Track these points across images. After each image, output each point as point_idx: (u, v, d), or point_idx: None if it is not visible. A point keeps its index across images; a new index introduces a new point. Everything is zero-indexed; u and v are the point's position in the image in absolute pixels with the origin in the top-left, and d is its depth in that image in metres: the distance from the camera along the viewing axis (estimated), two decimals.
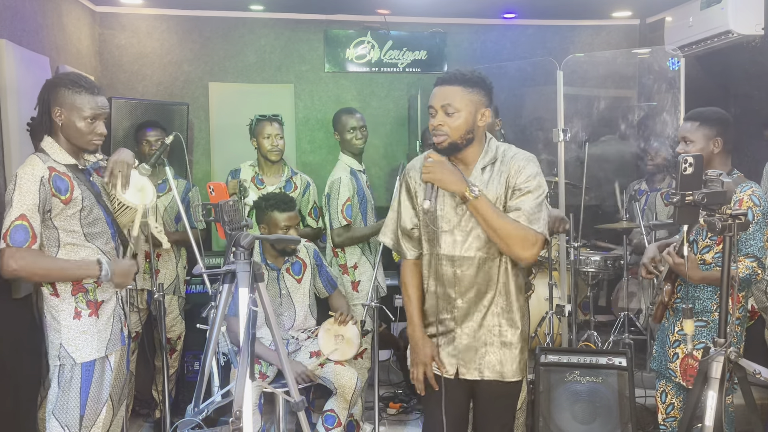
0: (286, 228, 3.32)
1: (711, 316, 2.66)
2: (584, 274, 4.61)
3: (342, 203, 3.63)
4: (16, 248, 2.29)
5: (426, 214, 2.31)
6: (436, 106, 2.22)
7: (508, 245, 2.20)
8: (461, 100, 2.21)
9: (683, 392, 2.79)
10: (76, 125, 2.43)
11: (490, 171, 2.29)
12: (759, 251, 2.56)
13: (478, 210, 2.19)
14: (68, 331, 2.42)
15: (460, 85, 2.22)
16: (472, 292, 2.30)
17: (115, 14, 4.86)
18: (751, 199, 2.58)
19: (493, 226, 2.18)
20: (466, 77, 2.23)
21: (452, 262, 2.30)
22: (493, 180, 2.28)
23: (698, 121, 2.67)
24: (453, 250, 2.30)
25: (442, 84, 2.24)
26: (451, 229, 2.30)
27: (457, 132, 2.22)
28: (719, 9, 4.23)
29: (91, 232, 2.47)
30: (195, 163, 5.04)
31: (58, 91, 2.43)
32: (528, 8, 5.09)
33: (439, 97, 2.23)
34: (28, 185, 2.32)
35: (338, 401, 3.24)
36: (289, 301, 3.41)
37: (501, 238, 2.19)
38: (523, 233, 2.18)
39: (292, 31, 5.16)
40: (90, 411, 2.43)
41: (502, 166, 2.28)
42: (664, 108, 4.81)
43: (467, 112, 2.21)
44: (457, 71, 2.26)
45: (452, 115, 2.21)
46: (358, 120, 3.79)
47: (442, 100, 2.21)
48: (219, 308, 2.33)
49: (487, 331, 2.31)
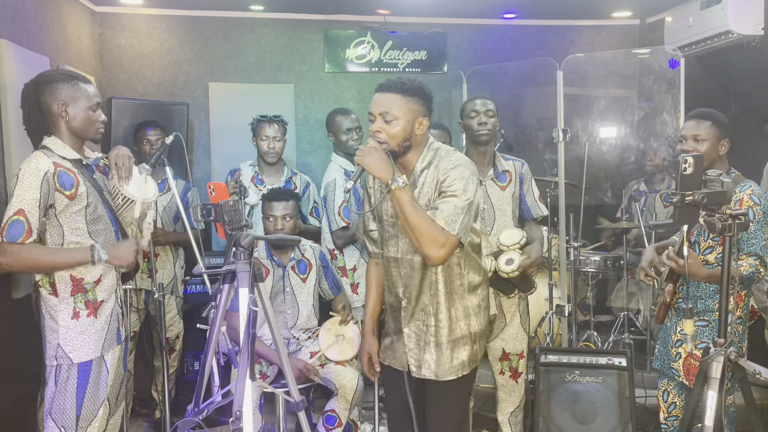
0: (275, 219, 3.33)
1: (713, 315, 2.66)
2: (584, 274, 4.61)
3: (338, 205, 3.63)
4: (8, 243, 2.30)
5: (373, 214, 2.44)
6: (374, 113, 2.27)
7: (419, 242, 2.22)
8: (399, 108, 2.24)
9: (685, 392, 2.79)
10: (83, 116, 2.46)
11: (426, 173, 2.33)
12: (761, 250, 2.56)
13: (399, 201, 2.20)
14: (66, 331, 2.42)
15: (399, 93, 2.25)
16: (413, 293, 2.37)
17: (115, 14, 4.86)
18: (751, 198, 2.58)
19: (409, 220, 2.20)
20: (405, 86, 2.26)
21: (397, 264, 2.40)
22: (426, 183, 2.33)
23: (710, 121, 2.65)
24: (397, 252, 2.39)
25: (382, 91, 2.28)
26: (395, 233, 2.38)
27: (395, 139, 2.25)
28: (719, 9, 4.23)
29: (95, 229, 2.48)
30: (195, 163, 5.04)
31: (54, 87, 2.43)
32: (528, 8, 5.09)
33: (377, 104, 2.26)
34: (30, 180, 2.32)
35: (339, 402, 3.24)
36: (293, 299, 3.41)
37: (414, 234, 2.22)
38: (434, 233, 2.19)
39: (292, 31, 5.16)
40: (86, 411, 2.44)
41: (436, 169, 2.32)
42: (664, 108, 4.81)
43: (405, 120, 2.25)
44: (397, 79, 2.30)
45: (390, 122, 2.24)
46: (353, 121, 3.76)
47: (380, 107, 2.25)
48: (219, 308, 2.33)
49: (425, 331, 2.37)
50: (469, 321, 2.38)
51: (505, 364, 3.15)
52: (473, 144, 3.10)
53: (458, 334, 2.37)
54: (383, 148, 2.25)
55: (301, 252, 3.49)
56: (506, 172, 3.13)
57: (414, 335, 2.39)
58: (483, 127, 3.04)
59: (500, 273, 2.85)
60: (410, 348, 2.40)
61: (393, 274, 2.43)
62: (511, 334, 3.12)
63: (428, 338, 2.37)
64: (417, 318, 2.39)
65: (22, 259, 2.32)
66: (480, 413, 3.68)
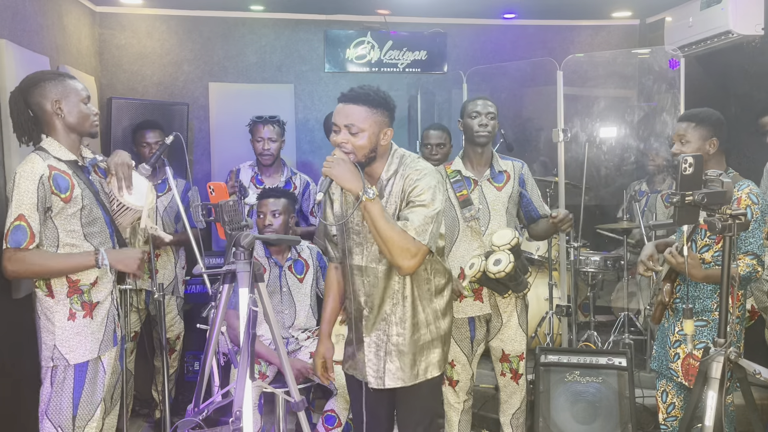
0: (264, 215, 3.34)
1: (711, 315, 2.66)
2: (584, 274, 4.61)
3: None
4: (14, 249, 2.30)
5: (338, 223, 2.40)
6: (339, 124, 2.25)
7: (390, 252, 2.22)
8: (365, 120, 2.23)
9: (684, 392, 2.79)
10: (78, 110, 2.46)
11: (392, 182, 2.33)
12: (758, 249, 2.56)
13: (369, 212, 2.20)
14: (62, 332, 2.42)
15: (365, 105, 2.23)
16: (375, 302, 2.36)
17: (115, 14, 4.86)
18: (749, 197, 2.59)
19: (380, 231, 2.20)
20: (370, 97, 2.25)
21: (361, 272, 2.38)
22: (392, 192, 2.32)
23: (694, 122, 2.67)
24: (361, 260, 2.37)
25: (346, 102, 2.25)
26: (360, 241, 2.37)
27: (361, 151, 2.25)
28: (719, 9, 4.23)
29: (91, 232, 2.47)
30: (195, 163, 5.04)
31: (42, 87, 2.43)
32: (528, 8, 5.09)
33: (342, 115, 2.24)
34: (27, 184, 2.32)
35: (339, 401, 3.24)
36: (290, 299, 3.42)
37: (385, 245, 2.21)
38: (405, 244, 2.19)
39: (292, 31, 5.16)
40: (83, 411, 2.44)
41: (402, 178, 2.31)
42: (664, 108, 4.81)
43: (371, 132, 2.24)
44: (362, 90, 2.26)
45: (356, 134, 2.23)
46: None
47: (345, 119, 2.23)
48: (219, 308, 2.33)
49: (386, 341, 2.36)
50: (438, 323, 2.40)
51: (505, 366, 3.15)
52: (471, 144, 3.10)
53: (428, 338, 2.37)
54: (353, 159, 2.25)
55: (298, 252, 3.49)
56: (503, 173, 3.13)
57: (374, 345, 2.37)
58: (483, 128, 3.04)
59: (488, 273, 2.86)
60: (369, 359, 2.38)
61: (356, 282, 2.40)
62: (509, 335, 3.11)
63: (389, 348, 2.35)
64: (378, 327, 2.37)
65: (29, 265, 2.33)
66: (480, 413, 3.68)
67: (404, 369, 2.35)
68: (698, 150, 2.64)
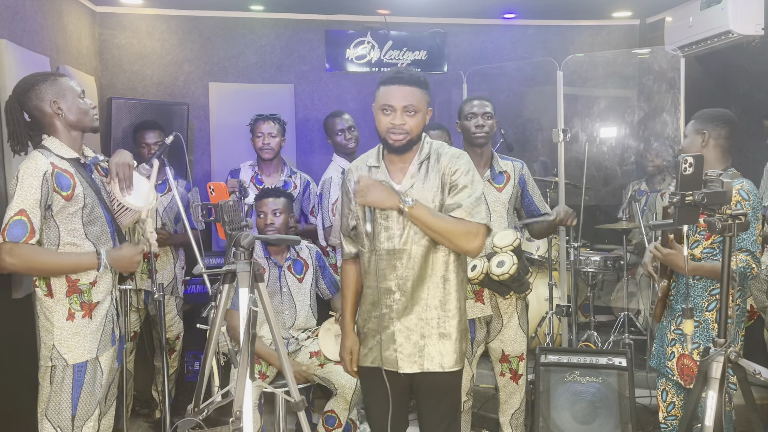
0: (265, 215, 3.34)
1: (702, 315, 2.66)
2: (584, 274, 4.61)
3: (332, 203, 3.64)
4: (13, 243, 2.29)
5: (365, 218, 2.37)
6: (396, 106, 2.28)
7: (452, 242, 2.29)
8: (420, 101, 2.31)
9: (683, 391, 2.79)
10: (76, 106, 2.47)
11: (425, 168, 2.37)
12: (752, 245, 2.58)
13: (417, 218, 2.27)
14: (61, 332, 2.42)
15: (418, 86, 2.31)
16: (410, 284, 2.34)
17: (115, 14, 4.86)
18: (740, 193, 2.60)
19: (434, 229, 2.27)
20: (421, 80, 2.32)
21: (392, 255, 2.35)
22: (429, 177, 2.36)
23: (694, 118, 2.80)
24: (391, 243, 2.35)
25: (403, 84, 2.30)
26: (389, 225, 2.36)
27: (416, 130, 2.32)
28: (719, 9, 4.23)
29: (92, 231, 2.47)
30: (195, 163, 5.04)
31: (38, 89, 2.43)
32: (528, 8, 5.10)
33: (399, 96, 2.29)
34: (30, 180, 2.32)
35: (338, 402, 3.24)
36: (290, 299, 3.41)
37: (444, 237, 2.28)
38: (465, 228, 2.28)
39: (292, 31, 5.16)
40: (81, 411, 2.44)
41: (436, 164, 2.36)
42: (664, 108, 4.81)
43: (423, 111, 2.33)
44: (412, 72, 2.34)
45: (413, 115, 2.29)
46: (345, 121, 3.82)
47: (404, 100, 2.28)
48: (219, 308, 2.33)
49: (425, 323, 2.35)
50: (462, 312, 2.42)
51: (505, 366, 3.15)
52: (470, 145, 3.10)
53: (463, 325, 2.41)
54: (405, 139, 2.29)
55: (297, 252, 3.49)
56: (503, 173, 3.12)
57: (406, 330, 2.35)
58: (480, 129, 3.04)
59: (491, 276, 2.85)
60: (400, 343, 2.35)
61: (386, 266, 2.36)
62: (510, 336, 3.11)
63: (429, 331, 2.34)
64: (412, 311, 2.34)
65: (30, 261, 2.33)
66: (480, 413, 3.68)
67: (445, 353, 2.35)
68: (691, 143, 2.73)
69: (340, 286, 2.62)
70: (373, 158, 2.42)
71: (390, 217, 2.35)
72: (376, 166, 2.41)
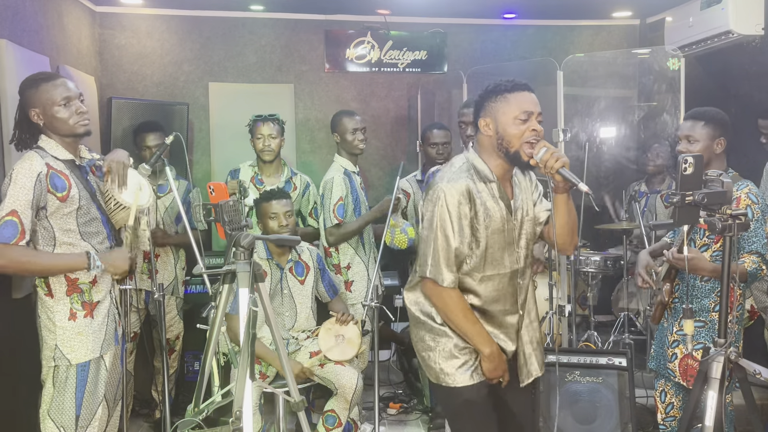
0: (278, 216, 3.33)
1: (709, 315, 2.66)
2: (584, 274, 4.61)
3: (334, 203, 3.64)
4: (3, 245, 2.28)
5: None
6: (534, 111, 2.19)
7: (572, 235, 2.31)
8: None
9: (682, 392, 2.79)
10: (55, 115, 2.42)
11: (518, 175, 2.37)
12: (763, 248, 2.56)
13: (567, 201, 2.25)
14: (63, 332, 2.42)
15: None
16: (523, 297, 2.37)
17: (115, 14, 4.86)
18: (748, 197, 2.59)
19: (571, 214, 2.28)
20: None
21: (516, 275, 2.33)
22: (523, 186, 2.37)
23: (703, 121, 2.67)
24: (514, 263, 2.31)
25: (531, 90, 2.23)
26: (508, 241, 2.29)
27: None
28: (719, 9, 4.23)
29: (87, 231, 2.47)
30: (195, 163, 5.04)
31: (25, 96, 2.44)
32: (528, 8, 5.09)
33: (534, 102, 2.20)
34: (24, 181, 2.31)
35: (339, 401, 3.23)
36: (290, 301, 3.41)
37: (572, 228, 2.29)
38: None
39: (292, 31, 5.15)
40: (85, 411, 2.44)
41: (521, 175, 2.37)
42: (664, 108, 4.81)
43: None
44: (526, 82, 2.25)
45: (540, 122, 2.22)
46: (359, 122, 3.80)
47: (537, 106, 2.21)
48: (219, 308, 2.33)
49: (531, 336, 2.39)
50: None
51: None
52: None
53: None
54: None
55: (298, 254, 3.48)
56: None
57: (529, 341, 2.38)
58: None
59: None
60: (528, 353, 2.37)
61: (509, 286, 2.30)
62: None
63: (534, 344, 2.40)
64: (528, 325, 2.38)
65: (19, 261, 2.32)
66: None
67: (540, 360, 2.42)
68: (706, 149, 2.63)
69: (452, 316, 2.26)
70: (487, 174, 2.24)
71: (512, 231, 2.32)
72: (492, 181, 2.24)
